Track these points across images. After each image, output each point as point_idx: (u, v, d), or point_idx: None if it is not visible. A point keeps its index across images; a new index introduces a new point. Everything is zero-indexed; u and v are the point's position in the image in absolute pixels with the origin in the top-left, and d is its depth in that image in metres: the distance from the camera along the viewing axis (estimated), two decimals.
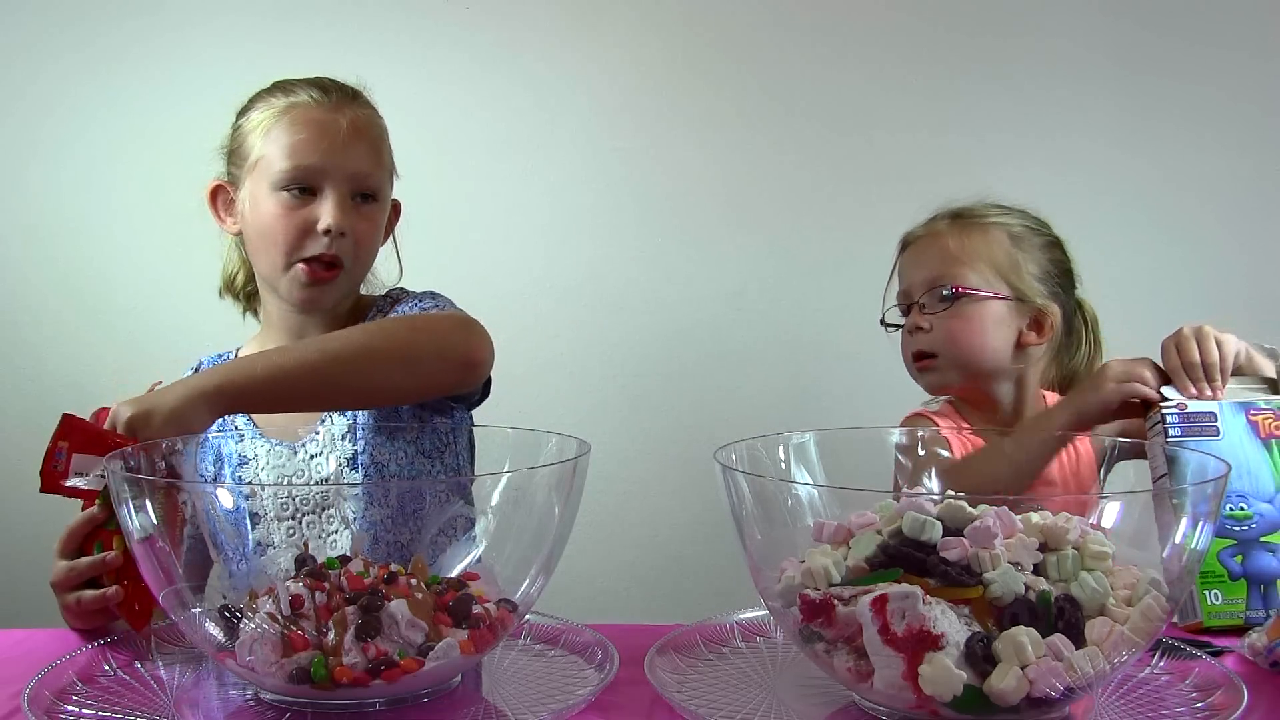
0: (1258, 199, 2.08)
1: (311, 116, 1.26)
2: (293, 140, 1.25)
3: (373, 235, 1.30)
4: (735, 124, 2.10)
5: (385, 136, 1.34)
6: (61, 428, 0.98)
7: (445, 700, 0.86)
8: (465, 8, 2.09)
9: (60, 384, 2.07)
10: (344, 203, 1.26)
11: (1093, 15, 2.08)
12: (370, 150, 1.29)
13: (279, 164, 1.25)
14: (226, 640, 0.85)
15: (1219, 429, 1.08)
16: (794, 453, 1.01)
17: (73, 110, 2.08)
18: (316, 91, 1.29)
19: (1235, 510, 1.06)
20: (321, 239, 1.24)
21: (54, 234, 2.09)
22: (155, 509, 0.84)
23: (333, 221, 1.24)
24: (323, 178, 1.25)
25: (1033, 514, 0.84)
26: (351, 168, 1.26)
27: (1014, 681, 0.73)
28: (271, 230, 1.26)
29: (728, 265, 2.11)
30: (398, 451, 1.25)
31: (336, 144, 1.25)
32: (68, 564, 1.01)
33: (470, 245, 2.07)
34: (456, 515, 0.95)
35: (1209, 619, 1.03)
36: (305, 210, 1.25)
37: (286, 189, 1.25)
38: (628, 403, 2.10)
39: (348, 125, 1.27)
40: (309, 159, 1.25)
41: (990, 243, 1.44)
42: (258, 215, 1.27)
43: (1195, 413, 1.10)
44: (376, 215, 1.30)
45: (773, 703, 0.85)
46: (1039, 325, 1.45)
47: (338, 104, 1.28)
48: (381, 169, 1.31)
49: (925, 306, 1.45)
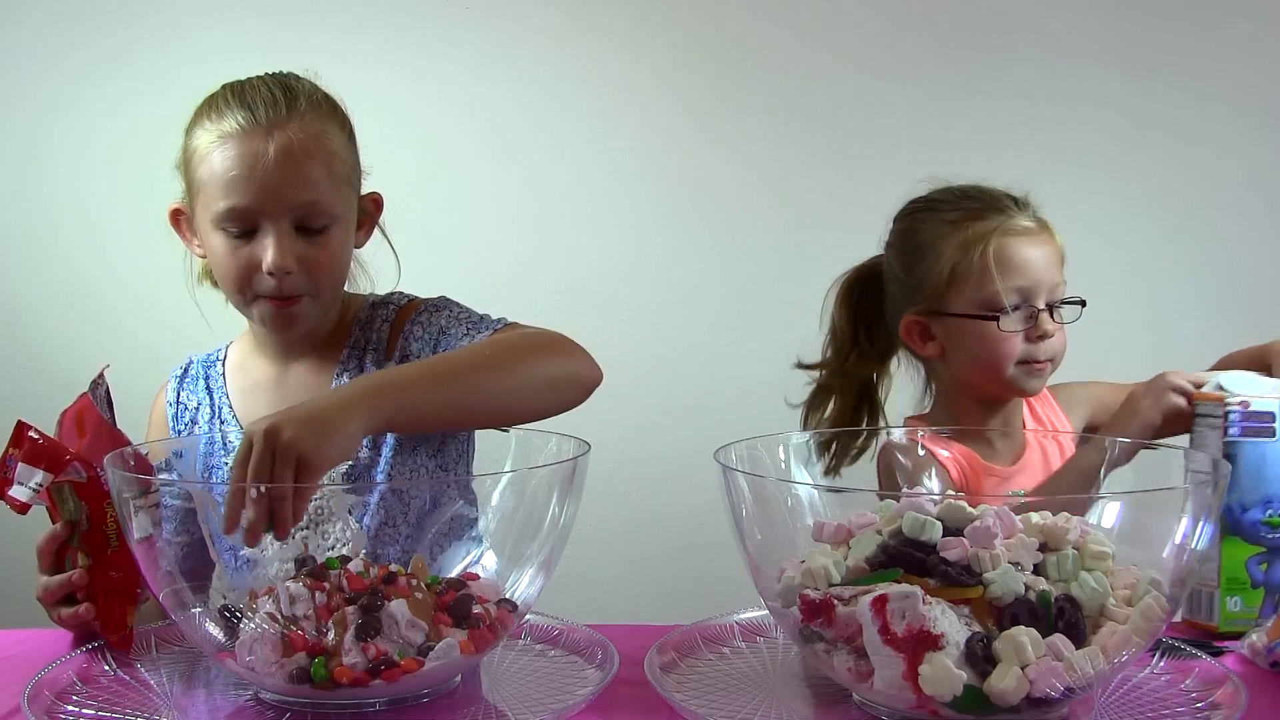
0: (1259, 197, 2.08)
1: (241, 150, 1.15)
2: (225, 179, 1.15)
3: (329, 260, 1.20)
4: (735, 123, 2.10)
5: (334, 143, 1.20)
6: (13, 436, 0.96)
7: (445, 700, 0.86)
8: (465, 8, 2.09)
9: (60, 384, 2.05)
10: (285, 240, 1.15)
11: (1094, 13, 2.08)
12: (314, 171, 1.17)
13: (214, 203, 1.16)
14: (226, 640, 0.85)
15: (1275, 429, 1.05)
16: (794, 453, 1.01)
17: (72, 110, 2.08)
18: (244, 114, 1.17)
19: (1274, 516, 1.03)
20: (268, 279, 1.16)
21: (54, 234, 2.09)
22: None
23: (273, 263, 1.15)
24: (259, 216, 1.15)
25: (1033, 514, 0.84)
26: (290, 200, 1.15)
27: (1014, 681, 0.73)
28: (221, 269, 1.20)
29: (729, 265, 2.11)
30: (418, 469, 1.22)
31: (270, 179, 1.14)
32: (44, 580, 1.00)
33: (470, 245, 2.07)
34: (456, 515, 0.95)
35: (1225, 624, 1.03)
36: (248, 249, 1.16)
37: (224, 230, 1.17)
38: (628, 403, 2.10)
39: (279, 153, 1.15)
40: (241, 199, 1.15)
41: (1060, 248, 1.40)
42: (209, 248, 1.21)
43: (1257, 411, 1.05)
44: (332, 241, 1.20)
45: (773, 703, 0.85)
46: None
47: (269, 126, 1.16)
48: (332, 186, 1.19)
49: (1053, 311, 1.35)
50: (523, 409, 1.09)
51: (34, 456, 0.94)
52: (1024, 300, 1.33)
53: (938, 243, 1.38)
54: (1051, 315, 1.34)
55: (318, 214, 1.17)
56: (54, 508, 0.98)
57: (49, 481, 0.94)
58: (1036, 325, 1.33)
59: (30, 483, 0.94)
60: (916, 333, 1.40)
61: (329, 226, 1.19)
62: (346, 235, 1.23)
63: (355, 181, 1.25)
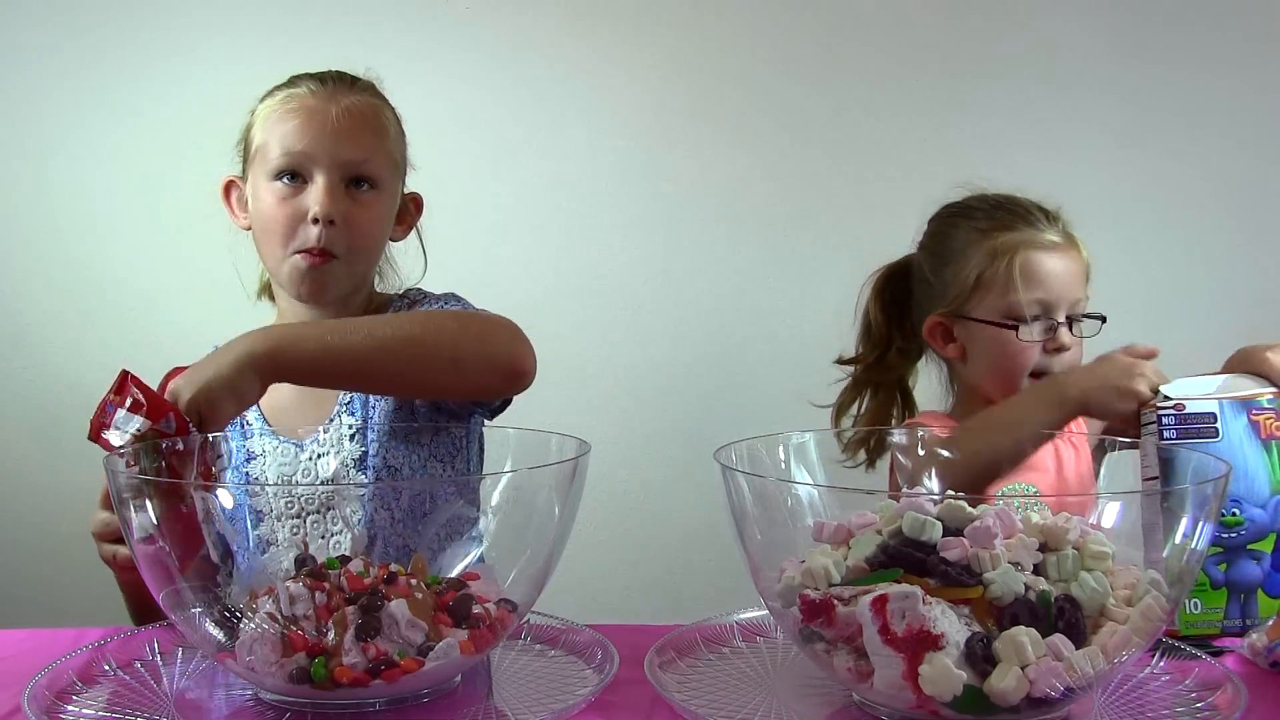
0: (1262, 196, 2.08)
1: (304, 105, 1.26)
2: (284, 129, 1.25)
3: (370, 224, 1.28)
4: (737, 123, 2.10)
5: (389, 125, 1.32)
6: (116, 384, 0.97)
7: (445, 700, 0.86)
8: (465, 7, 2.09)
9: (60, 384, 2.07)
10: (334, 190, 1.24)
11: (1096, 13, 2.08)
12: (367, 136, 1.28)
13: (273, 153, 1.25)
14: (226, 640, 0.85)
15: (1218, 430, 1.05)
16: (794, 453, 1.01)
17: (72, 109, 2.07)
18: (315, 83, 1.29)
19: (1227, 516, 1.02)
20: (312, 228, 1.23)
21: (54, 234, 2.09)
22: (156, 507, 0.84)
23: (320, 209, 1.23)
24: (311, 164, 1.25)
25: (1033, 514, 0.84)
26: (342, 154, 1.25)
27: (1014, 681, 0.73)
28: (267, 220, 1.26)
29: (728, 265, 2.11)
30: (411, 455, 1.24)
31: (326, 130, 1.25)
32: (107, 516, 1.02)
33: (470, 246, 2.07)
34: (457, 515, 0.95)
35: (1186, 628, 1.02)
36: (297, 199, 1.24)
37: (278, 177, 1.25)
38: (628, 403, 2.10)
39: (340, 112, 1.26)
40: (297, 145, 1.24)
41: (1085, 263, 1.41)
42: (257, 206, 1.28)
43: (1194, 413, 1.06)
44: (375, 203, 1.28)
45: (773, 703, 0.85)
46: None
47: (334, 92, 1.28)
48: (382, 156, 1.29)
49: (1072, 325, 1.37)
50: (421, 381, 1.11)
51: (135, 405, 0.96)
52: (1044, 312, 1.36)
53: (967, 249, 1.41)
54: (1070, 329, 1.37)
55: (367, 173, 1.27)
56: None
57: (147, 428, 0.95)
58: (1054, 338, 1.36)
59: (129, 428, 0.96)
60: (939, 333, 1.44)
61: (376, 189, 1.28)
62: (389, 210, 1.32)
63: (402, 169, 1.35)
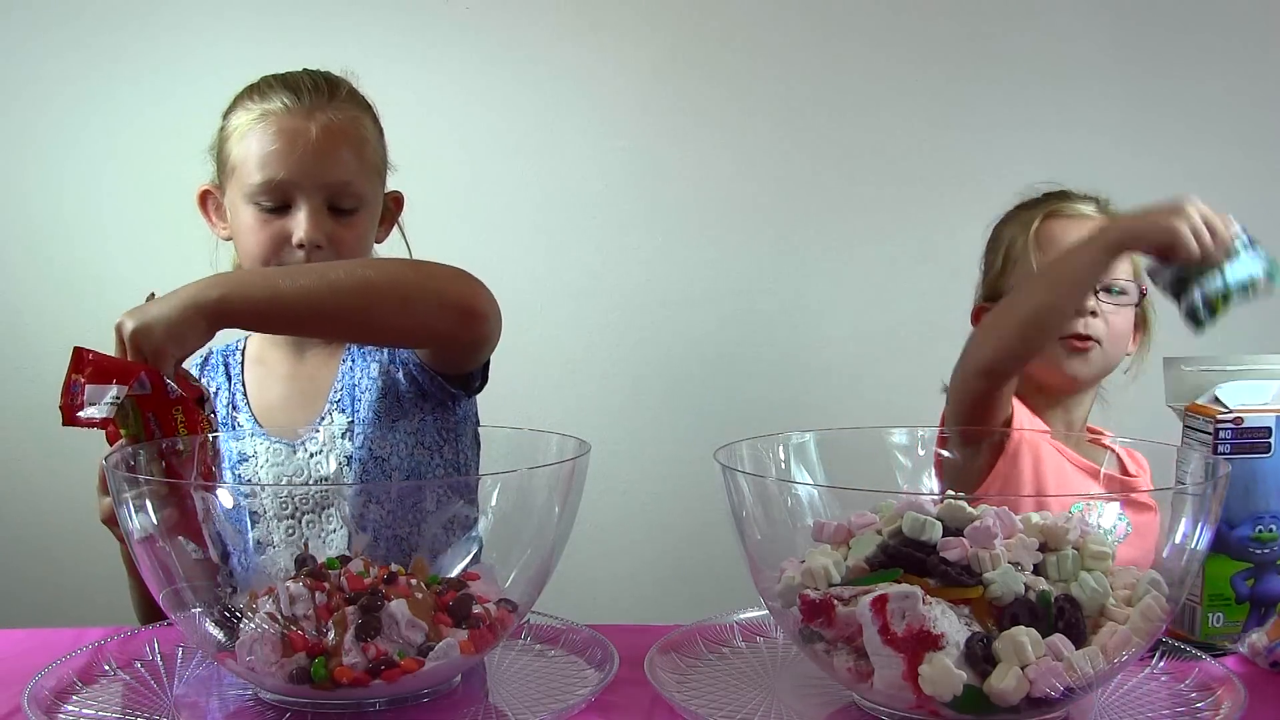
0: (1262, 196, 2.08)
1: (283, 126, 1.22)
2: (263, 152, 1.22)
3: (356, 243, 1.26)
4: (738, 124, 2.10)
5: (368, 133, 1.29)
6: (73, 361, 0.97)
7: (445, 700, 0.86)
8: (465, 8, 2.09)
9: (60, 384, 2.06)
10: (318, 215, 1.21)
11: (1099, 14, 2.08)
12: (349, 155, 1.24)
13: (251, 176, 1.22)
14: (226, 640, 0.85)
15: (1271, 445, 1.00)
16: (794, 453, 1.01)
17: (72, 109, 2.07)
18: (289, 95, 1.24)
19: (1263, 532, 1.00)
20: (298, 253, 1.21)
21: (54, 234, 2.09)
22: (156, 507, 0.84)
23: (305, 235, 1.20)
24: (295, 191, 1.21)
25: (1033, 514, 0.84)
26: (326, 179, 1.22)
27: (1014, 681, 0.73)
28: (248, 243, 1.24)
29: (729, 265, 2.11)
30: (398, 444, 1.24)
31: (308, 155, 1.21)
32: (107, 501, 1.00)
33: (470, 245, 2.06)
34: (457, 515, 0.95)
35: (1205, 638, 1.00)
36: (279, 224, 1.22)
37: (258, 203, 1.22)
38: (628, 403, 2.10)
39: (320, 133, 1.22)
40: (279, 173, 1.21)
41: None
42: (237, 224, 1.26)
43: (1251, 428, 1.01)
44: (359, 223, 1.26)
45: (773, 703, 0.85)
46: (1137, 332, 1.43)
47: (311, 108, 1.23)
48: (364, 172, 1.26)
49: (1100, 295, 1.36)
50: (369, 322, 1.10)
51: (101, 375, 0.96)
52: None
53: (1002, 232, 1.44)
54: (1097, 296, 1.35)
55: (350, 195, 1.24)
56: (114, 429, 0.98)
57: (124, 394, 0.95)
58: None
59: (104, 400, 0.95)
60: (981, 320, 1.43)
61: (358, 209, 1.25)
62: (372, 222, 1.30)
63: (383, 174, 1.32)
